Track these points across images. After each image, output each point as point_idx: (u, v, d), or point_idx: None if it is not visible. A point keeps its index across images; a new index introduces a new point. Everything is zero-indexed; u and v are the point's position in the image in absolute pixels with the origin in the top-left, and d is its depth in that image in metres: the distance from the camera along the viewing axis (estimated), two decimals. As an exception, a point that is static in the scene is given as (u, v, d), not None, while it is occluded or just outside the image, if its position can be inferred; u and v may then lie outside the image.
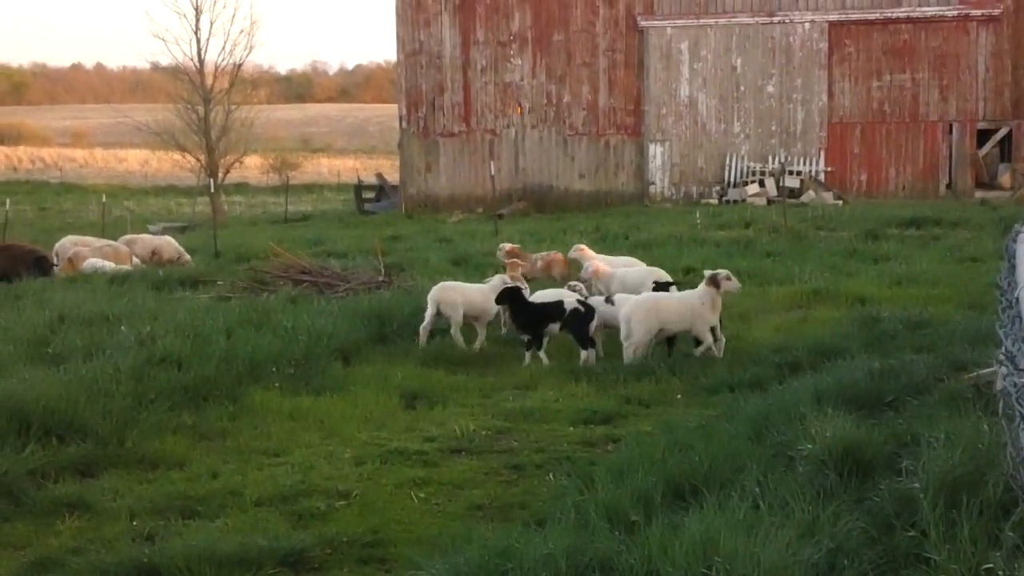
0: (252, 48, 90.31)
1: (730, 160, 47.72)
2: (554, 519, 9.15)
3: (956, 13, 46.50)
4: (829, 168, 47.29)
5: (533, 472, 11.57)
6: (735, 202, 45.63)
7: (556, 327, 17.08)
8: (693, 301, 16.66)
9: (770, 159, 47.32)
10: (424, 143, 50.48)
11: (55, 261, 28.27)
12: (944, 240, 30.82)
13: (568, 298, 17.53)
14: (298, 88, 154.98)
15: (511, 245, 23.64)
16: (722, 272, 16.97)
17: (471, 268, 24.97)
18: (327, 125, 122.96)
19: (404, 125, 51.00)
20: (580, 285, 19.23)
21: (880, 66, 47.15)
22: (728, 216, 38.08)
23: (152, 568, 8.80)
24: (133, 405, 13.12)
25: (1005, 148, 47.35)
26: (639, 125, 48.74)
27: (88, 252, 28.30)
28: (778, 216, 34.99)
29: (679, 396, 14.68)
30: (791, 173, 46.23)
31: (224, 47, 58.59)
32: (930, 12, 46.67)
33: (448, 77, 50.15)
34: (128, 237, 31.84)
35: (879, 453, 9.72)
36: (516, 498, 10.72)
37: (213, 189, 50.20)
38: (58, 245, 29.74)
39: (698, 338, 16.70)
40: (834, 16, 47.21)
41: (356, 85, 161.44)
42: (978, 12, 46.24)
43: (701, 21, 48.00)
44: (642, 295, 17.35)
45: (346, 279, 23.23)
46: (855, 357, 14.83)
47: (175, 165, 62.73)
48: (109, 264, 27.31)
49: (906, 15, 46.87)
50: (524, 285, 18.80)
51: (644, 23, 48.21)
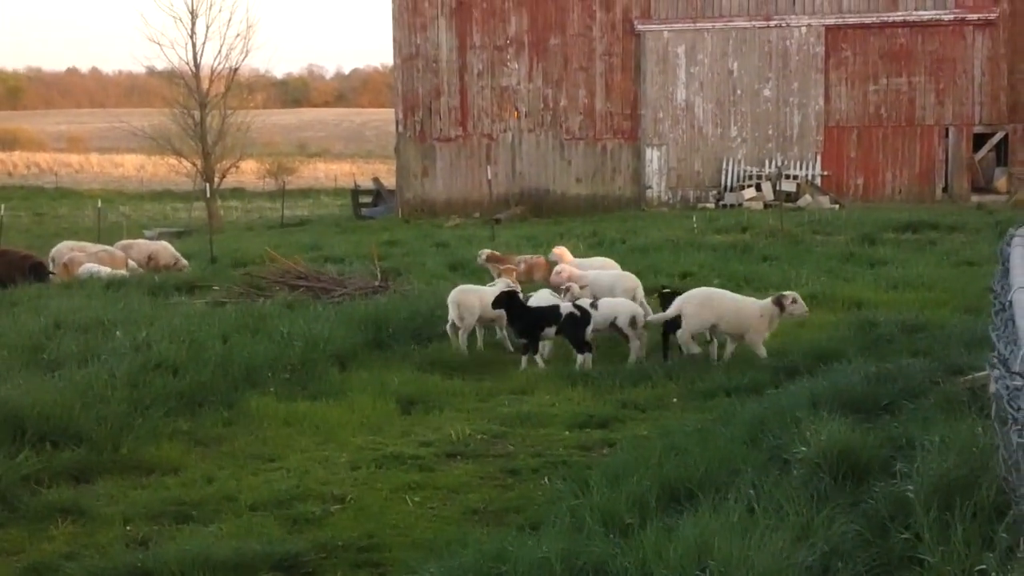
0: (248, 52, 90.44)
1: (727, 164, 47.74)
2: (549, 523, 9.16)
3: (952, 17, 46.54)
4: (826, 172, 47.32)
5: (529, 476, 11.57)
6: (732, 206, 45.64)
7: (552, 331, 17.08)
8: (753, 308, 16.75)
9: (767, 163, 47.35)
10: (421, 147, 50.49)
11: (51, 267, 28.25)
12: (940, 244, 30.83)
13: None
14: (294, 92, 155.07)
15: (489, 251, 23.64)
16: (789, 295, 16.97)
17: (468, 273, 24.96)
18: (324, 129, 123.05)
19: (401, 129, 51.02)
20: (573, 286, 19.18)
21: (876, 70, 47.19)
22: (725, 220, 38.08)
23: (146, 573, 8.81)
24: (128, 411, 13.10)
25: (1001, 152, 47.39)
26: (636, 129, 48.76)
27: (84, 257, 28.27)
28: (775, 220, 35.00)
29: (675, 400, 14.69)
30: (788, 177, 46.26)
31: (220, 51, 58.56)
32: (926, 16, 46.73)
33: (445, 81, 50.17)
34: (124, 242, 31.81)
35: (874, 456, 9.73)
36: (512, 502, 10.72)
37: (209, 194, 50.19)
38: (54, 251, 29.72)
39: (751, 348, 16.69)
40: (831, 20, 47.25)
41: (353, 89, 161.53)
42: (974, 16, 46.30)
43: (698, 25, 48.05)
44: (700, 288, 17.48)
45: (343, 284, 23.22)
46: (851, 361, 14.82)
47: (171, 170, 62.68)
48: (105, 269, 27.28)
49: (902, 19, 46.91)
50: (519, 288, 18.82)
51: (641, 27, 48.24)
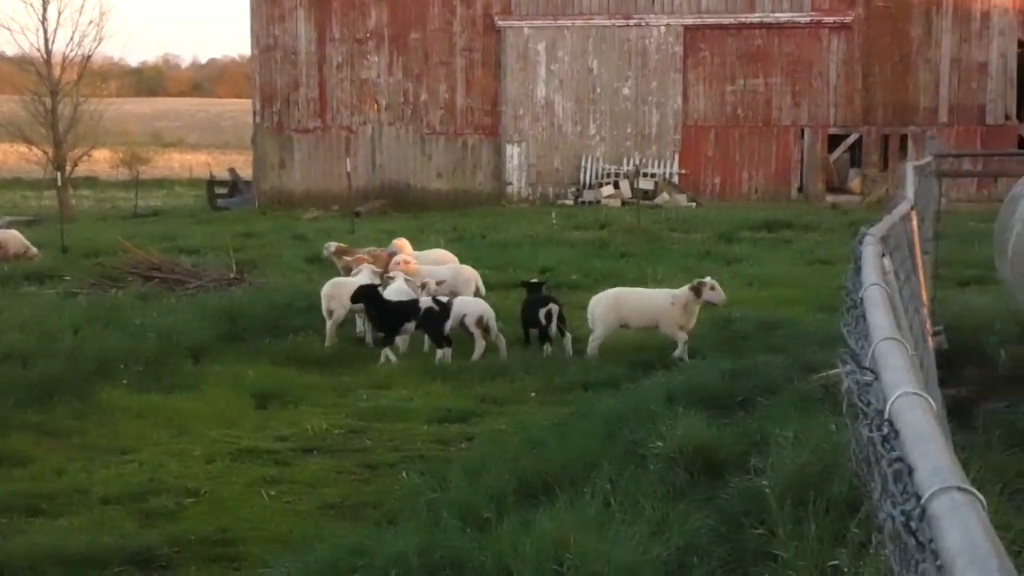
0: (101, 40, 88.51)
1: (586, 162, 47.98)
2: (406, 517, 9.13)
3: (809, 20, 47.28)
4: (683, 171, 47.79)
5: (386, 471, 11.53)
6: (590, 203, 45.88)
7: (412, 326, 17.03)
8: (662, 299, 16.66)
9: (625, 161, 47.68)
10: (278, 139, 49.99)
11: None
12: (796, 243, 31.35)
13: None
14: (149, 81, 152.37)
15: (336, 244, 23.32)
16: (707, 281, 16.85)
17: (326, 266, 24.78)
18: (179, 119, 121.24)
19: (258, 120, 50.46)
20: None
21: (734, 71, 47.77)
22: (583, 217, 38.33)
23: (-6, 567, 8.60)
24: (-25, 402, 12.82)
25: (855, 154, 48.27)
26: (496, 125, 48.81)
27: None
28: (632, 218, 35.30)
29: (533, 395, 14.75)
30: (646, 175, 46.63)
31: (73, 38, 57.19)
32: (783, 18, 47.41)
33: (303, 73, 49.72)
34: (-28, 230, 31.03)
35: (729, 452, 9.85)
36: (369, 497, 10.67)
37: (60, 183, 49.17)
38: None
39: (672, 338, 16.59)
40: (689, 20, 47.72)
41: (209, 79, 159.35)
42: (830, 19, 47.08)
43: (558, 22, 48.23)
44: (607, 290, 17.39)
45: (197, 276, 22.93)
46: (707, 357, 15.02)
47: (21, 158, 61.21)
48: None
49: (760, 20, 47.54)
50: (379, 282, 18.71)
51: (501, 23, 48.30)
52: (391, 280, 18.54)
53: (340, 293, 17.87)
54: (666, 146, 48.01)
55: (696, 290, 16.46)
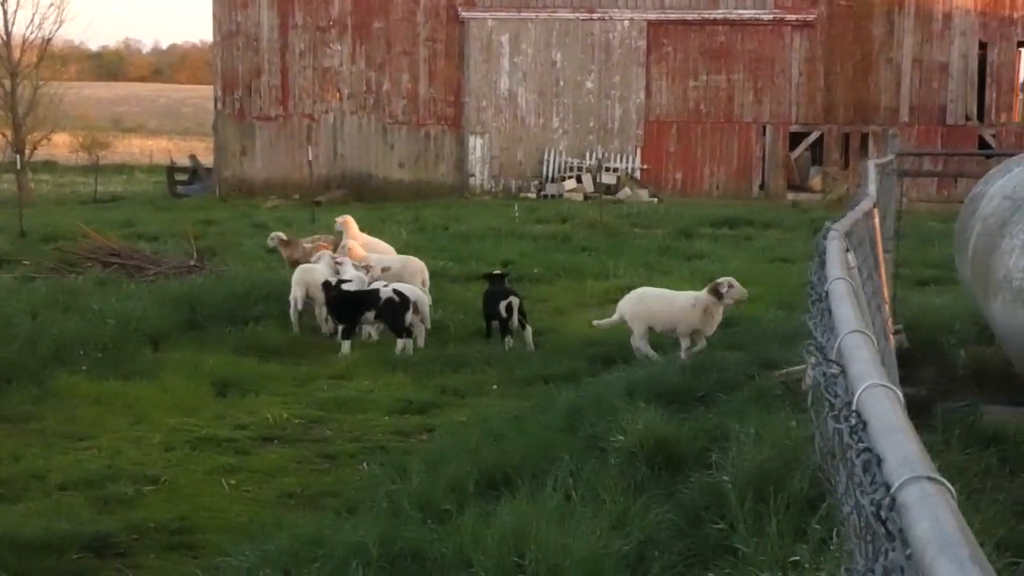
0: (62, 22, 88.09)
1: (548, 155, 47.98)
2: (366, 508, 9.13)
3: (771, 17, 47.44)
4: (645, 166, 47.87)
5: (346, 461, 11.52)
6: (553, 197, 45.88)
7: (372, 315, 16.99)
8: (684, 301, 15.81)
9: (587, 155, 47.71)
10: (240, 126, 49.78)
11: None
12: (756, 240, 31.43)
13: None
14: (109, 66, 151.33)
15: (279, 235, 23.10)
16: (723, 281, 15.94)
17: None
18: (139, 104, 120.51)
19: (219, 107, 50.23)
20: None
21: (697, 66, 47.87)
22: (545, 211, 38.34)
23: (-51, 553, 8.54)
24: (-69, 386, 12.73)
25: (816, 152, 48.46)
26: (459, 116, 48.76)
27: None
28: (594, 212, 35.33)
29: (495, 387, 14.76)
30: (608, 170, 46.67)
31: (33, 20, 57.21)
32: (746, 15, 47.54)
33: (265, 60, 49.52)
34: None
35: (690, 447, 9.88)
36: (328, 487, 10.66)
37: (19, 167, 48.84)
38: None
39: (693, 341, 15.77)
40: (653, 15, 47.79)
41: (170, 65, 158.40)
42: (793, 17, 47.25)
43: (522, 14, 48.21)
44: (638, 289, 16.95)
45: (157, 263, 22.84)
46: (667, 352, 15.05)
47: (-22, 141, 60.90)
48: None
49: (723, 17, 47.65)
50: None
51: (465, 14, 48.24)
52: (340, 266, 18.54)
53: (314, 280, 17.84)
54: (628, 141, 48.07)
55: (715, 292, 15.77)
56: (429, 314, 17.52)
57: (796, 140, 47.98)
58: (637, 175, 47.64)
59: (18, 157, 49.74)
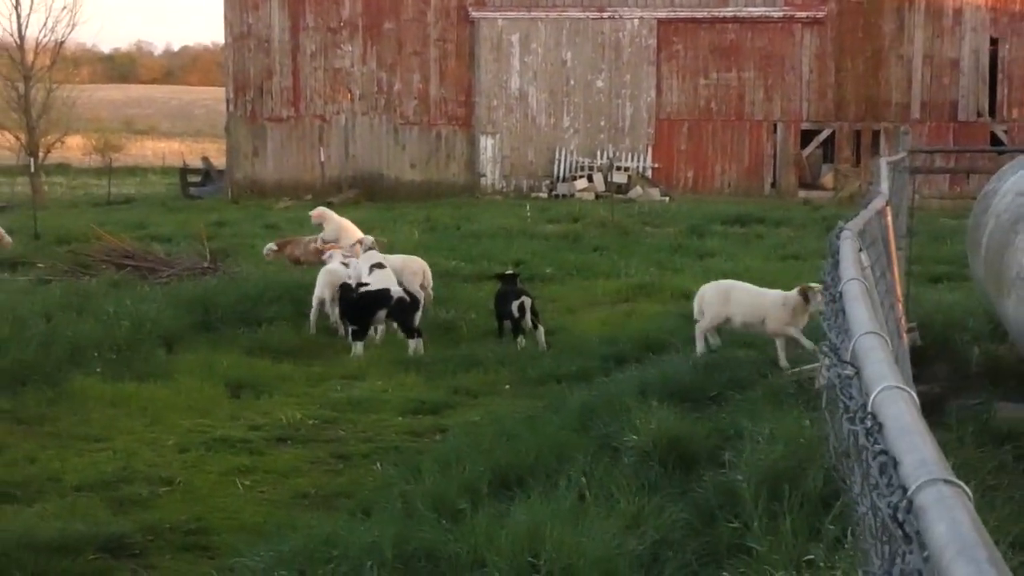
0: (75, 25, 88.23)
1: (559, 154, 47.99)
2: (380, 508, 9.13)
3: (781, 15, 47.38)
4: (656, 165, 47.85)
5: (360, 462, 11.53)
6: (564, 196, 45.88)
7: (383, 315, 17.00)
8: (774, 298, 15.56)
9: (598, 154, 47.71)
10: (251, 127, 49.85)
11: None
12: (767, 238, 31.38)
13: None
14: (122, 68, 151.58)
15: (272, 244, 23.81)
16: (815, 287, 15.98)
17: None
18: (152, 107, 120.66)
19: (231, 109, 50.30)
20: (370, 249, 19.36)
21: (707, 64, 47.84)
22: (557, 210, 38.33)
23: (-34, 555, 8.56)
24: (-53, 388, 12.77)
25: (828, 149, 48.42)
26: (470, 116, 48.77)
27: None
28: (605, 211, 35.32)
29: (507, 387, 14.75)
30: (619, 169, 46.65)
31: (46, 23, 57.04)
32: (756, 13, 47.49)
33: (277, 61, 49.59)
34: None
35: (703, 446, 9.88)
36: (342, 487, 10.67)
37: (33, 169, 48.96)
38: None
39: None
40: (662, 13, 47.77)
41: (182, 67, 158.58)
42: (803, 14, 47.20)
43: (532, 14, 48.21)
44: (722, 281, 16.78)
45: (170, 264, 22.87)
46: (680, 351, 15.04)
47: (-7, 144, 61.07)
48: None
49: (733, 15, 47.61)
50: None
51: (475, 14, 48.26)
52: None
53: (334, 281, 17.94)
54: (639, 139, 48.06)
55: (805, 295, 15.70)
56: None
57: (807, 137, 47.93)
58: (648, 174, 47.62)
59: (32, 160, 49.92)
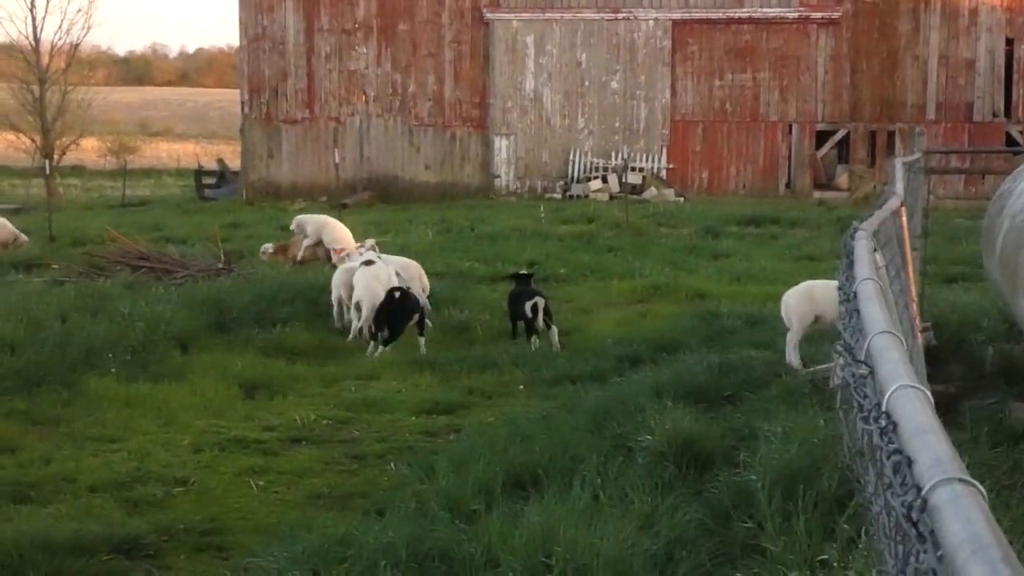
0: (90, 28, 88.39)
1: (574, 155, 47.95)
2: (394, 508, 9.14)
3: (797, 15, 47.30)
4: (671, 165, 47.79)
5: (374, 462, 11.54)
6: (578, 197, 45.83)
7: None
8: None
9: (613, 155, 47.65)
10: (266, 129, 49.89)
11: None
12: (783, 239, 31.35)
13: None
14: (137, 71, 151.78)
15: (268, 245, 25.02)
16: None
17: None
18: (166, 109, 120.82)
19: (246, 111, 50.35)
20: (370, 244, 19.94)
21: (722, 65, 47.76)
22: (571, 211, 38.32)
23: (-18, 555, 8.58)
24: (-38, 389, 12.81)
25: (843, 150, 48.29)
26: (485, 118, 48.76)
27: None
28: (620, 212, 35.28)
29: (521, 387, 14.76)
30: (633, 170, 46.59)
31: (61, 26, 57.28)
32: (771, 13, 47.40)
33: (291, 63, 49.61)
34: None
35: (717, 446, 9.87)
36: (356, 487, 10.68)
37: (48, 171, 49.07)
38: None
39: None
40: (677, 14, 47.71)
41: (197, 69, 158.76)
42: (818, 15, 47.11)
43: (547, 15, 48.19)
44: (803, 283, 16.67)
45: (185, 266, 22.90)
46: (694, 352, 15.03)
47: (8, 145, 61.19)
48: None
49: (748, 16, 47.53)
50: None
51: (490, 15, 48.26)
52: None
53: (348, 280, 18.11)
54: (654, 140, 48.01)
55: None
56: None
57: (822, 138, 47.82)
58: (663, 175, 47.57)
59: (47, 162, 50.02)
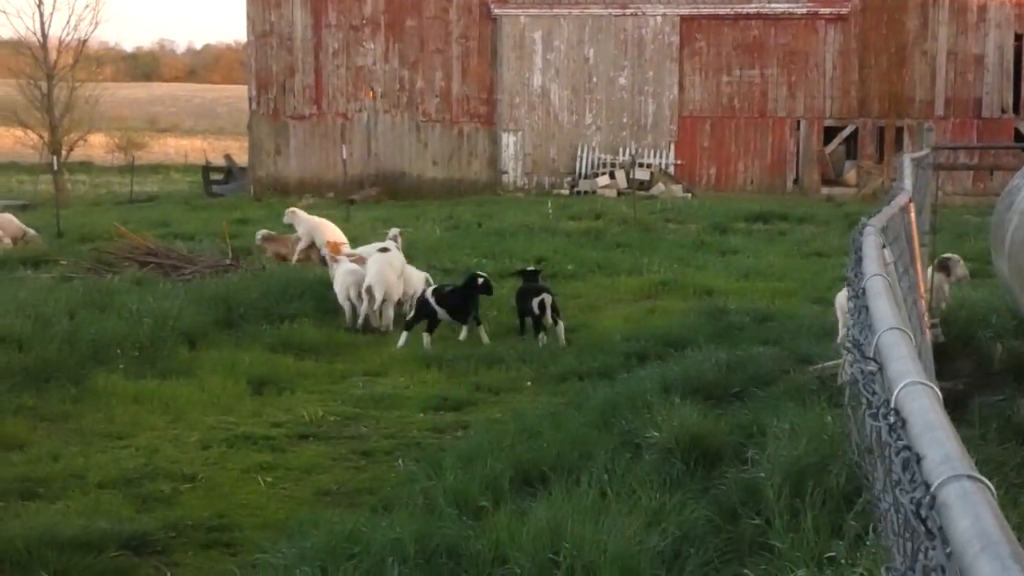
0: (97, 24, 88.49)
1: (581, 151, 47.94)
2: (402, 504, 9.14)
3: (805, 11, 47.24)
4: (679, 161, 47.77)
5: (382, 458, 11.54)
6: (586, 193, 45.83)
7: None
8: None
9: (621, 151, 47.65)
10: (274, 126, 49.91)
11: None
12: (790, 235, 31.34)
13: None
14: (144, 67, 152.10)
15: (265, 231, 25.16)
16: (954, 256, 15.92)
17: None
18: (174, 105, 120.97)
19: (254, 107, 50.38)
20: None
21: (730, 61, 47.73)
22: (579, 207, 38.28)
23: (-10, 551, 8.60)
24: (-30, 386, 12.83)
25: (851, 146, 48.26)
26: (492, 114, 48.76)
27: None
28: (628, 208, 35.28)
29: (529, 384, 14.75)
30: (641, 166, 46.58)
31: (69, 22, 57.69)
32: (780, 9, 47.36)
33: (299, 59, 49.64)
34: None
35: (725, 443, 9.87)
36: (364, 484, 10.68)
37: (56, 167, 49.16)
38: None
39: None
40: (685, 10, 47.68)
41: (204, 65, 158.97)
42: (827, 11, 47.04)
43: (554, 11, 48.17)
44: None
45: (193, 262, 22.92)
46: (702, 348, 15.02)
47: (16, 142, 61.26)
48: None
49: (756, 11, 47.49)
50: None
51: (497, 11, 48.24)
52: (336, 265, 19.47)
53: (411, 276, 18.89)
54: (662, 136, 47.99)
55: (945, 268, 15.42)
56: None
57: (830, 134, 47.79)
58: (671, 170, 47.55)
59: (55, 158, 50.09)
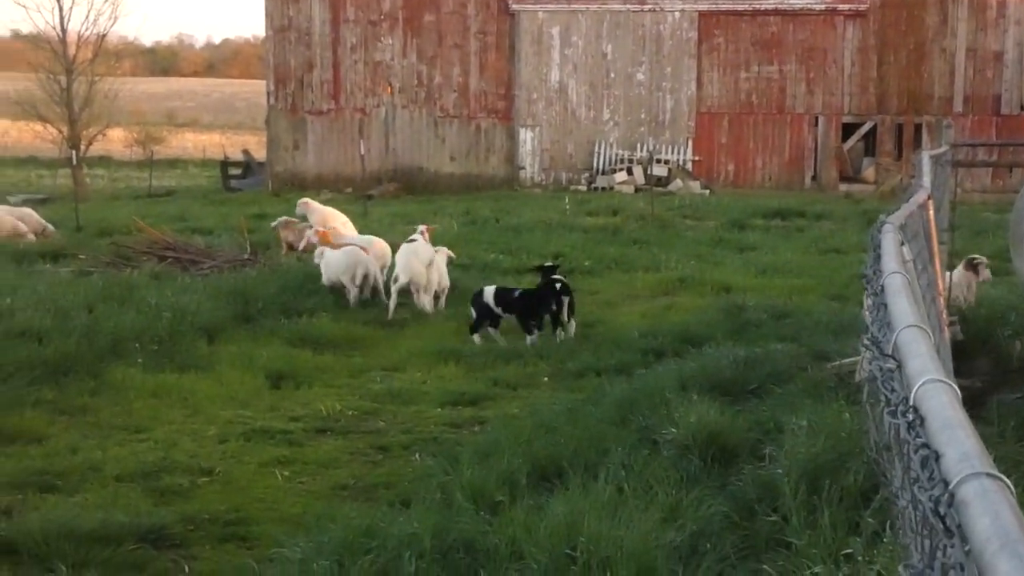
0: (116, 19, 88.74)
1: (599, 147, 47.90)
2: (419, 499, 9.15)
3: (823, 7, 47.13)
4: (697, 157, 47.70)
5: (399, 453, 11.56)
6: (603, 189, 45.82)
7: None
8: (956, 279, 16.17)
9: (639, 147, 47.59)
10: (292, 120, 49.96)
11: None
12: (808, 231, 31.28)
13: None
14: (163, 61, 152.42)
15: (285, 218, 25.53)
16: (981, 258, 16.43)
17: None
18: (193, 99, 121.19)
19: (272, 102, 50.43)
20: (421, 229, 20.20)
21: (748, 57, 47.63)
22: (596, 203, 38.28)
23: (9, 543, 8.66)
24: (-10, 379, 12.88)
25: (869, 142, 48.13)
26: (510, 109, 48.74)
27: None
28: (645, 204, 35.25)
29: (546, 379, 14.75)
30: (659, 162, 46.50)
31: (88, 16, 57.71)
32: (798, 5, 47.24)
33: (317, 54, 49.66)
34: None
35: (742, 439, 9.85)
36: (381, 478, 10.70)
37: (75, 162, 49.25)
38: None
39: None
40: (704, 6, 47.58)
41: (223, 60, 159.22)
42: (845, 7, 46.92)
43: (572, 6, 48.12)
44: None
45: (211, 256, 22.98)
46: (720, 345, 15.00)
47: (36, 136, 61.44)
48: None
49: (774, 7, 47.37)
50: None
51: (516, 7, 48.21)
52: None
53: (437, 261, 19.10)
54: (680, 132, 47.92)
55: (974, 268, 15.84)
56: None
57: (849, 131, 47.67)
58: (689, 167, 47.48)
59: (74, 152, 50.17)
